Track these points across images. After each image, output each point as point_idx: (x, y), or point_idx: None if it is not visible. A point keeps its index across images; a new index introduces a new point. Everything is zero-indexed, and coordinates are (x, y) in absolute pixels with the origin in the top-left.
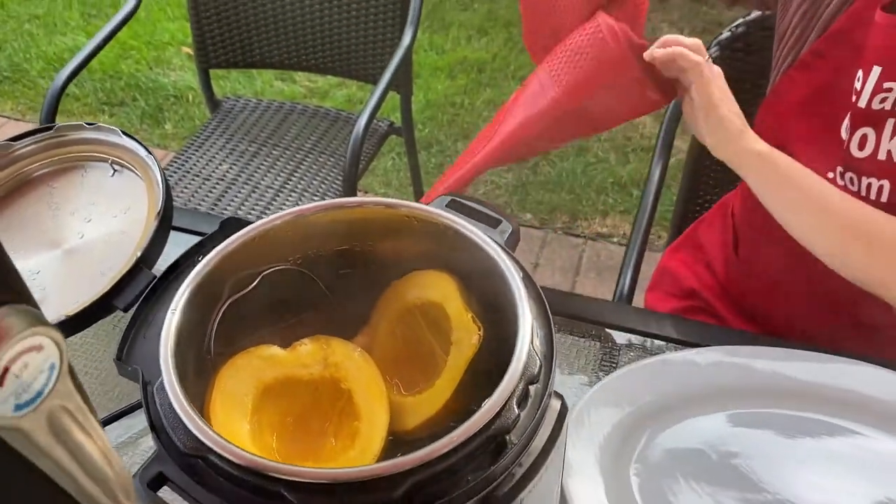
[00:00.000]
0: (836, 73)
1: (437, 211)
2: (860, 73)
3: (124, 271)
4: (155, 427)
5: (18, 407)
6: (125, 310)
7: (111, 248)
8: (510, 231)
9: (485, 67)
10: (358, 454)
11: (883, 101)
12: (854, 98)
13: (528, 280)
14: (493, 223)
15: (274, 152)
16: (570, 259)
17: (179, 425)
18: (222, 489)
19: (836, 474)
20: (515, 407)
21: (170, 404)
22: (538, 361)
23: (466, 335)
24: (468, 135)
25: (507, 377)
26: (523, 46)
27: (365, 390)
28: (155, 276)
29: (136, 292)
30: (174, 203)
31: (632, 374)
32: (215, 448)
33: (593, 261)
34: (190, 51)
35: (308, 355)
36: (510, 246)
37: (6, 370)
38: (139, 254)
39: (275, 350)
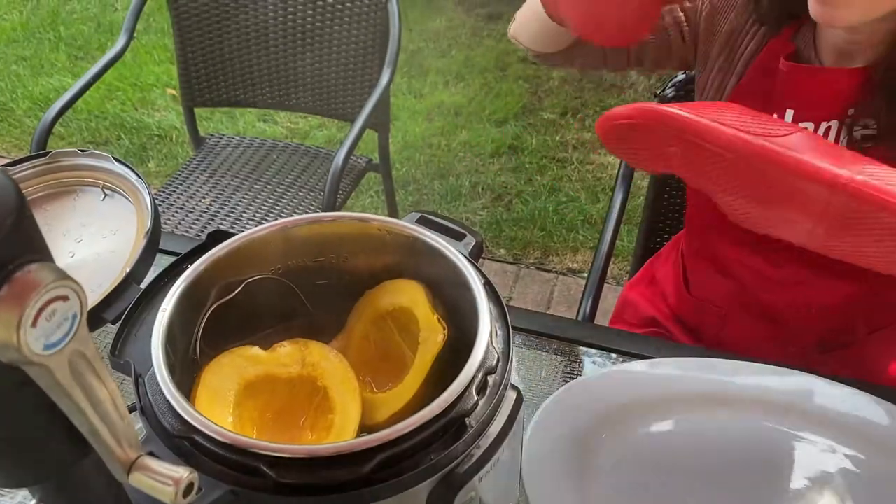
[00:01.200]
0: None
1: (407, 225)
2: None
3: (114, 286)
4: (145, 412)
5: (47, 346)
6: (115, 321)
7: (101, 266)
8: (474, 243)
9: (461, 111)
10: (332, 441)
11: None
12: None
13: (489, 286)
14: (458, 236)
15: (255, 187)
16: (541, 293)
17: (168, 409)
18: (207, 466)
19: (782, 479)
20: (475, 394)
21: (160, 391)
22: (496, 355)
23: (432, 334)
24: (444, 174)
25: (466, 367)
26: (498, 91)
27: (339, 387)
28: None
29: (125, 306)
30: (161, 229)
31: (588, 383)
32: (201, 428)
33: (564, 294)
34: (174, 92)
35: (287, 356)
36: (474, 256)
37: (39, 313)
38: (128, 269)
39: (256, 350)
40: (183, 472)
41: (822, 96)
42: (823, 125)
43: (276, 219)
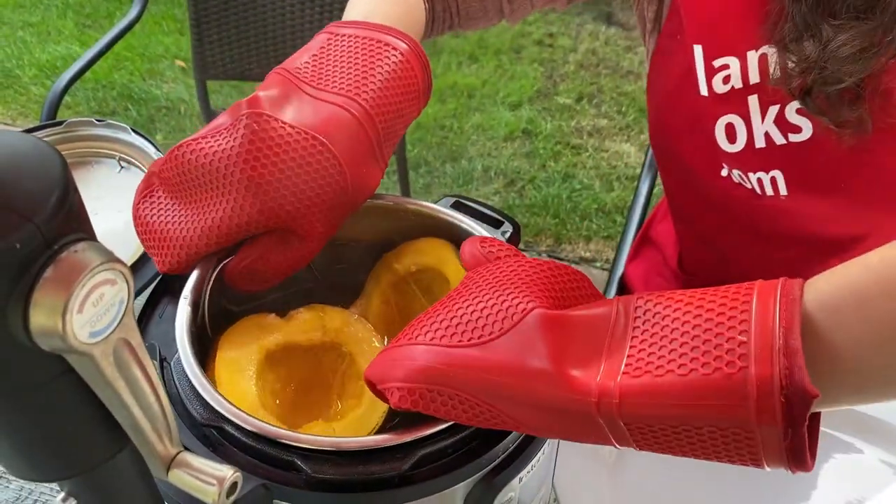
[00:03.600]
0: (684, 61)
1: (442, 209)
2: (693, 60)
3: (131, 263)
4: (171, 399)
5: (93, 334)
6: None
7: (117, 241)
8: (511, 231)
9: (474, 93)
10: (366, 412)
11: (725, 80)
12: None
13: None
14: (496, 223)
15: None
16: None
17: (195, 397)
18: (236, 458)
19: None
20: None
21: (186, 378)
22: None
23: None
24: (456, 157)
25: None
26: (513, 74)
27: (367, 353)
28: None
29: (143, 282)
30: None
31: None
32: (231, 417)
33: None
34: (183, 64)
35: (306, 322)
36: (512, 244)
37: (87, 297)
38: None
39: (272, 318)
40: (227, 472)
41: (732, 18)
42: (752, 56)
43: None
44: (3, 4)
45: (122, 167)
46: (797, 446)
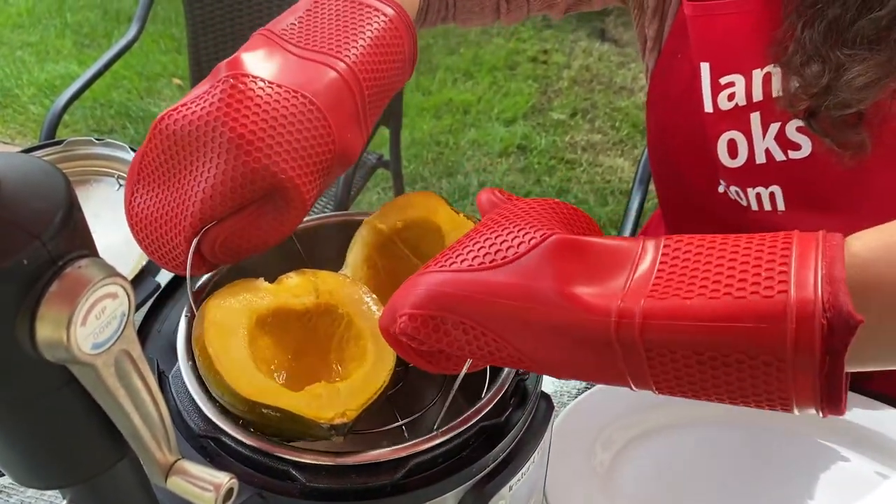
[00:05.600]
0: (688, 78)
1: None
2: (700, 76)
3: (129, 278)
4: (169, 411)
5: (95, 346)
6: None
7: (115, 258)
8: None
9: (469, 109)
10: (372, 370)
11: (731, 97)
12: (703, 105)
13: None
14: None
15: None
16: None
17: (193, 408)
18: (233, 468)
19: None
20: (508, 402)
21: (185, 389)
22: None
23: (466, 229)
24: (452, 173)
25: (502, 376)
26: (507, 90)
27: (365, 314)
28: (159, 284)
29: (142, 298)
30: None
31: (611, 388)
32: (227, 429)
33: None
34: (180, 82)
35: (297, 286)
36: None
37: (90, 310)
38: (144, 262)
39: (261, 283)
40: (223, 478)
41: (740, 37)
42: (758, 74)
43: None
44: (1, 24)
45: (120, 185)
46: (833, 382)
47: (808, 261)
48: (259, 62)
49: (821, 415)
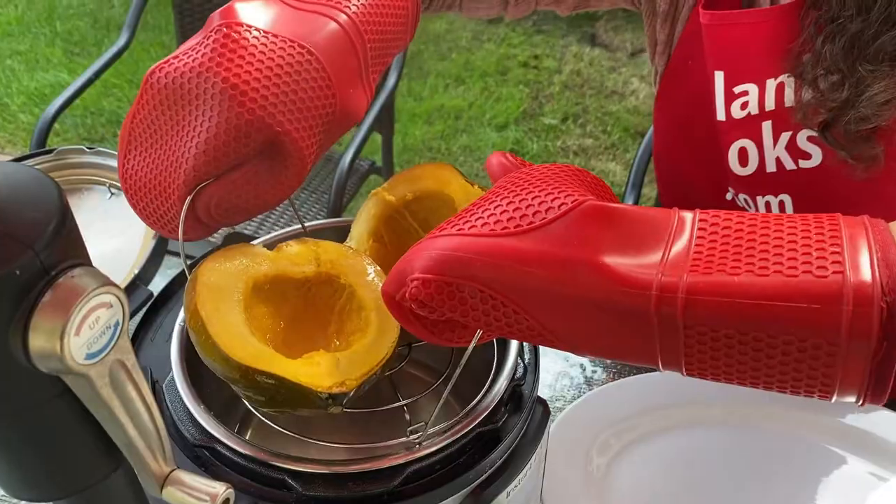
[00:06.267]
0: (699, 85)
1: None
2: (714, 84)
3: (122, 288)
4: (164, 420)
5: (89, 356)
6: None
7: (107, 267)
8: None
9: (461, 115)
10: (374, 342)
11: (743, 106)
12: (716, 113)
13: None
14: None
15: None
16: None
17: (187, 417)
18: (229, 477)
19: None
20: (504, 408)
21: (179, 398)
22: (524, 367)
23: None
24: None
25: (497, 382)
26: (499, 95)
27: (368, 285)
28: (151, 293)
29: (134, 307)
30: None
31: (607, 393)
32: (222, 438)
33: None
34: None
35: (297, 255)
36: None
37: (83, 320)
38: (136, 271)
39: (259, 248)
40: (219, 488)
41: (757, 48)
42: (771, 84)
43: (279, 219)
44: None
45: (112, 194)
46: (884, 369)
47: (859, 243)
48: (254, 11)
49: (860, 403)
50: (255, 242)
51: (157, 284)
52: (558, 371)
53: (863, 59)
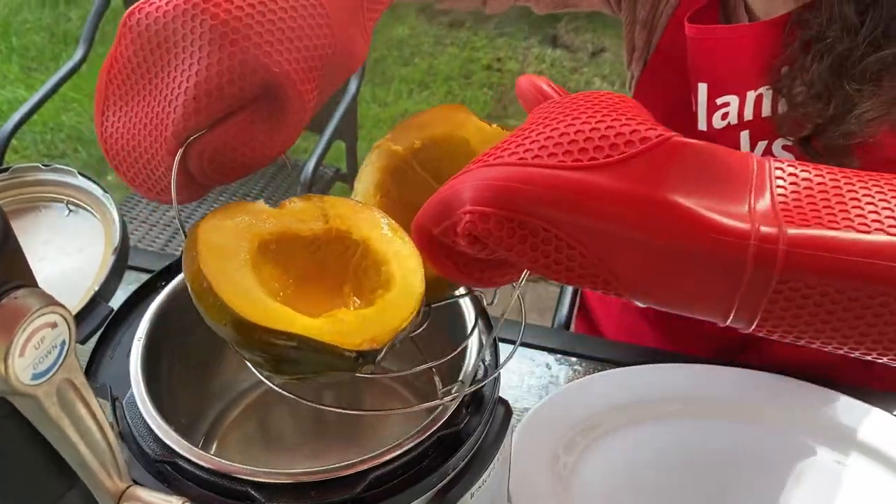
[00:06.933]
0: (677, 93)
1: None
2: (697, 95)
3: (81, 306)
4: (124, 436)
5: (35, 376)
6: (83, 342)
7: (67, 284)
8: None
9: None
10: (400, 295)
11: (724, 116)
12: (697, 123)
13: (474, 298)
14: None
15: (221, 198)
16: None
17: (148, 433)
18: (191, 492)
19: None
20: (465, 409)
21: (139, 414)
22: (485, 369)
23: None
24: None
25: (457, 384)
26: (463, 99)
27: (383, 239)
28: (112, 309)
29: (94, 325)
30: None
31: (570, 393)
32: (183, 453)
33: (535, 301)
34: None
35: (303, 211)
36: None
37: (28, 341)
38: (96, 288)
39: (261, 205)
40: (175, 502)
41: (740, 61)
42: (751, 95)
43: None
44: None
45: (70, 211)
46: None
47: None
48: None
49: None
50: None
51: (119, 300)
52: (524, 371)
53: (850, 78)
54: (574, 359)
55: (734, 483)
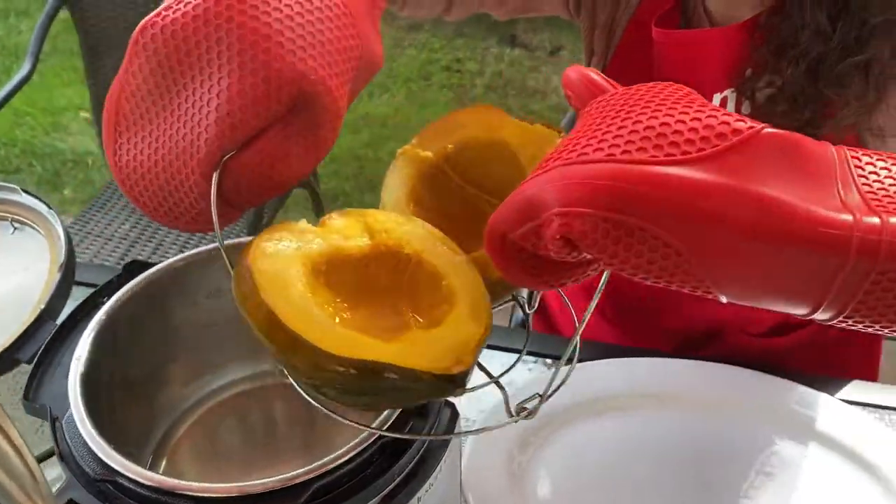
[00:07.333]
0: None
1: None
2: None
3: (27, 324)
4: (64, 456)
5: None
6: (29, 362)
7: (13, 303)
8: None
9: (387, 122)
10: (471, 307)
11: None
12: None
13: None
14: None
15: None
16: None
17: (88, 453)
18: None
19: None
20: (411, 413)
21: (78, 434)
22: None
23: (549, 143)
24: (373, 186)
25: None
26: (423, 100)
27: (437, 251)
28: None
29: (40, 344)
30: (76, 260)
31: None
32: (123, 471)
33: None
34: (89, 115)
35: (345, 228)
36: None
37: None
38: (42, 306)
39: (304, 224)
40: None
41: (707, 64)
42: (716, 98)
43: (200, 240)
44: None
45: (14, 228)
46: None
47: None
48: None
49: None
50: (152, 270)
51: (62, 317)
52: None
53: (826, 83)
54: (531, 358)
55: (690, 475)
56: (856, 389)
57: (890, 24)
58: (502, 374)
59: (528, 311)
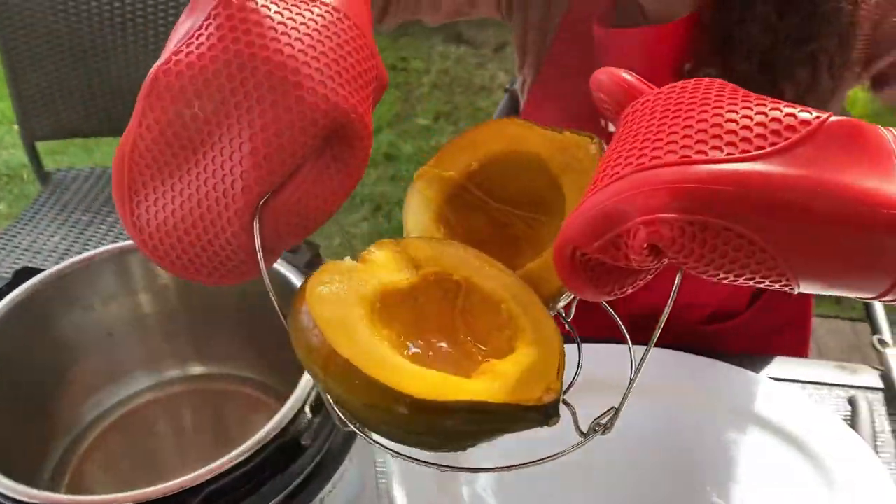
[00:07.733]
0: (575, 98)
1: None
2: None
3: None
4: None
5: None
6: None
7: None
8: (310, 255)
9: None
10: (539, 329)
11: None
12: (604, 124)
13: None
14: (292, 249)
15: (109, 219)
16: None
17: None
18: None
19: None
20: (309, 412)
21: None
22: None
23: (581, 150)
24: None
25: (298, 386)
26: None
27: (487, 274)
28: None
29: None
30: None
31: None
32: (7, 493)
33: None
34: None
35: (387, 261)
36: (310, 266)
37: None
38: None
39: (348, 262)
40: None
41: (650, 60)
42: None
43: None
44: None
45: None
46: None
47: None
48: None
49: None
50: (44, 274)
51: None
52: None
53: (781, 77)
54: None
55: (623, 459)
56: (782, 366)
57: (836, 13)
58: (566, 391)
59: (567, 319)
